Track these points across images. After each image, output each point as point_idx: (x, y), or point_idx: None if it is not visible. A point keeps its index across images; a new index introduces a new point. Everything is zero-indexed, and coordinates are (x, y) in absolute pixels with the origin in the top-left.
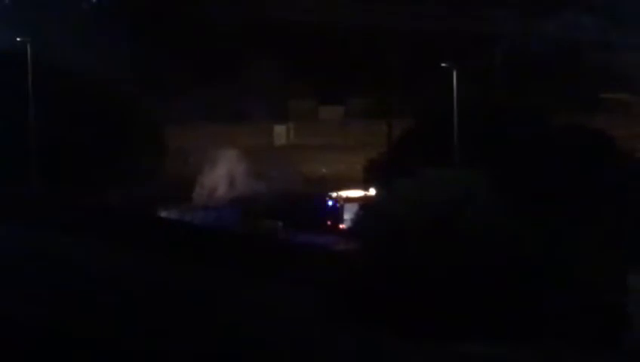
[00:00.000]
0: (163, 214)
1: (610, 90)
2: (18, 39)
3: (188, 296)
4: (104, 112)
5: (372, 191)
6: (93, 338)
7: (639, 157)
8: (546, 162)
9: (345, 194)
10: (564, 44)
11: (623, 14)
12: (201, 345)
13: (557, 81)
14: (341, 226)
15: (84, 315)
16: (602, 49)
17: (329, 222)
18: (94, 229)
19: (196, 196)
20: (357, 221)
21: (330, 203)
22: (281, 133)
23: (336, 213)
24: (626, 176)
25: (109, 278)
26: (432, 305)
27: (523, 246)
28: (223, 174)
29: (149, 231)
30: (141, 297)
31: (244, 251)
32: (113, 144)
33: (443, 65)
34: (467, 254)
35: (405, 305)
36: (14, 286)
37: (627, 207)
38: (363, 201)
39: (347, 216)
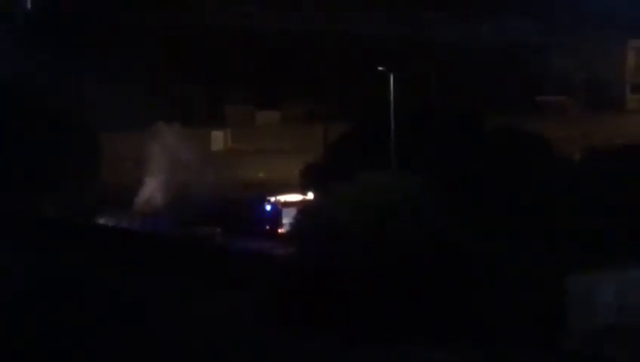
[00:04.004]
0: (101, 221)
1: (547, 93)
2: None
3: (123, 302)
4: (39, 120)
5: (310, 196)
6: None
7: (576, 159)
8: (482, 165)
9: (283, 198)
10: (502, 48)
11: (560, 17)
12: (134, 351)
13: (494, 84)
14: (280, 231)
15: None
16: (540, 52)
17: (267, 227)
18: (28, 237)
19: (135, 202)
20: (295, 225)
21: (268, 207)
22: (218, 138)
23: (275, 217)
24: (563, 178)
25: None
26: (371, 308)
27: (460, 249)
28: (160, 180)
29: (85, 238)
30: (74, 304)
31: (182, 257)
32: (49, 151)
33: (379, 68)
34: (405, 257)
35: (344, 308)
36: None
37: (564, 209)
38: (301, 205)
39: (285, 220)
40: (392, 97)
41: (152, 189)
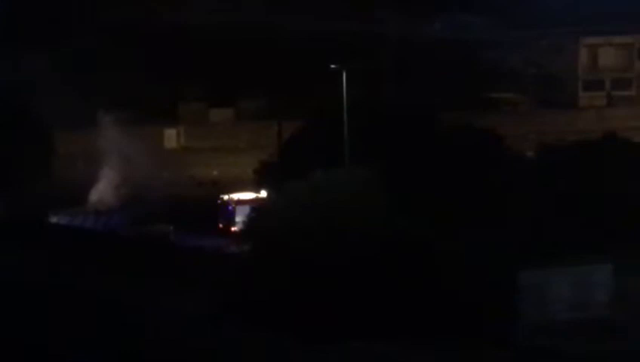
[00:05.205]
0: (53, 220)
1: (499, 90)
2: None
3: (75, 300)
4: None
5: (263, 194)
6: None
7: (527, 155)
8: (435, 161)
9: (236, 196)
10: (454, 44)
11: (513, 14)
12: (86, 349)
13: (446, 80)
14: (233, 229)
15: None
16: (493, 49)
17: (221, 225)
18: None
19: (88, 200)
20: (249, 223)
21: (221, 206)
22: (171, 136)
23: (228, 215)
24: (517, 175)
25: None
26: (325, 305)
27: (413, 244)
28: (113, 178)
29: (37, 237)
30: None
31: (135, 255)
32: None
33: (332, 66)
34: (359, 253)
35: (298, 305)
36: None
37: (518, 206)
38: (254, 204)
39: (239, 218)
40: (344, 95)
41: (104, 187)
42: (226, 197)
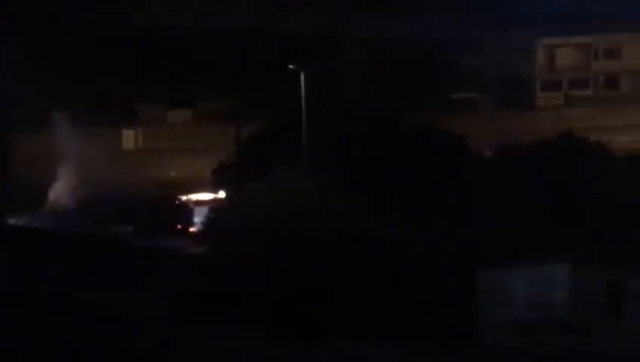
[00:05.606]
0: (11, 221)
1: (461, 90)
2: None
3: (34, 300)
4: None
5: (222, 194)
6: None
7: (487, 155)
8: (397, 162)
9: (195, 197)
10: (416, 45)
11: (469, 13)
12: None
13: (408, 81)
14: (191, 230)
15: None
16: (450, 48)
17: (179, 226)
18: None
19: (46, 202)
20: (207, 224)
21: (179, 206)
22: (129, 137)
23: (187, 216)
24: (477, 176)
25: None
26: (286, 305)
27: (375, 246)
28: (70, 179)
29: None
30: None
31: (92, 256)
32: None
33: (290, 67)
34: (320, 254)
35: (258, 306)
36: None
37: (475, 205)
38: (213, 204)
39: (197, 219)
40: (303, 95)
41: (62, 189)
42: (184, 198)
